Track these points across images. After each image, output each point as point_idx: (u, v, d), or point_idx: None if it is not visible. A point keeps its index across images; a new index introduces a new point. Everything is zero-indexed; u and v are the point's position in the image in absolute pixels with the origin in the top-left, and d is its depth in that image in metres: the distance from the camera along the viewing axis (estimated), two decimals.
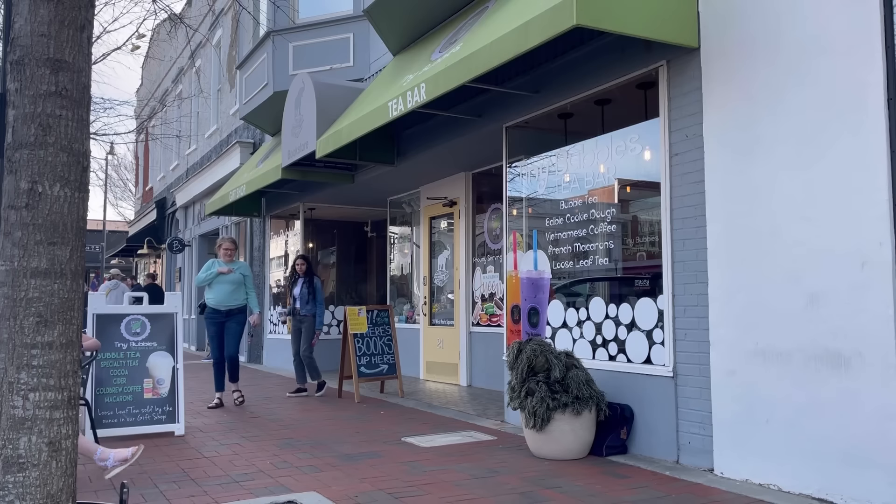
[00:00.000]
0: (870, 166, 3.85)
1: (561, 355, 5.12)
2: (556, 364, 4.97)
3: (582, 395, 4.98)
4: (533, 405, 4.91)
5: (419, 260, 10.68)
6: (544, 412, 4.90)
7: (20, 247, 2.75)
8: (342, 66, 10.31)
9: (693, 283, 4.86)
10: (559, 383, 4.99)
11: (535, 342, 5.09)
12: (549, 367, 4.98)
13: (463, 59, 5.62)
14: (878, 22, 3.85)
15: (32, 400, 2.71)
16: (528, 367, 5.03)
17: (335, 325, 12.41)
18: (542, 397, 4.88)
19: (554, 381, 4.97)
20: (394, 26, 8.06)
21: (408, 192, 10.98)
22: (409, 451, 5.50)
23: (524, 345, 5.14)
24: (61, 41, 2.83)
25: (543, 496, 4.22)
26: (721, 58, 4.74)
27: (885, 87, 3.83)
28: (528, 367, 5.04)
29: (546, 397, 4.89)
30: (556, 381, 4.97)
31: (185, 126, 20.46)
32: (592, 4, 4.54)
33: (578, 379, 5.02)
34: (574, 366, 5.16)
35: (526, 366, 5.03)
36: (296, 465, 5.07)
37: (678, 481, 4.48)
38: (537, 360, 4.91)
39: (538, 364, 4.99)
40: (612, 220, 5.71)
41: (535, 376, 5.04)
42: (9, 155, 2.80)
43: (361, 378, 8.38)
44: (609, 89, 5.67)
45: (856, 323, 3.88)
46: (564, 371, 5.01)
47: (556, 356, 5.09)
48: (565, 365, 5.08)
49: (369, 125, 7.10)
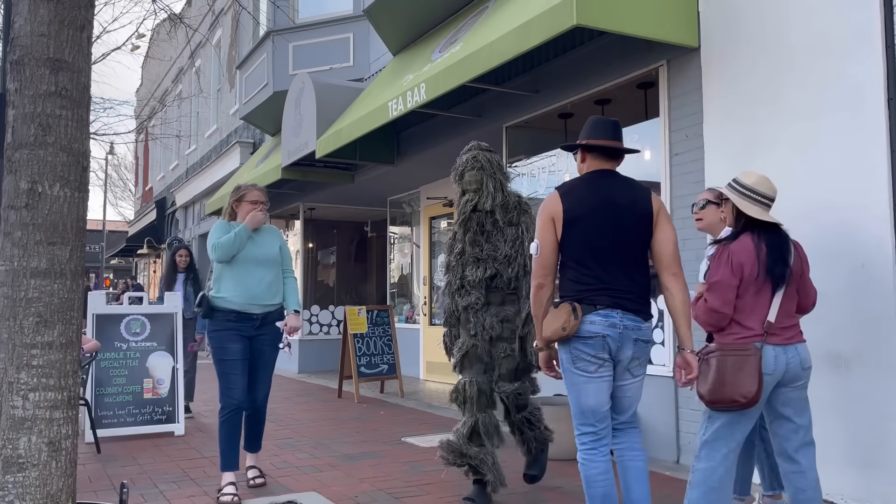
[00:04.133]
0: (870, 166, 3.85)
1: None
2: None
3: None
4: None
5: (419, 260, 10.68)
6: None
7: (20, 247, 2.75)
8: (342, 66, 10.31)
9: (693, 283, 4.86)
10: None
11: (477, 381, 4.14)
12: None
13: (463, 58, 5.62)
14: (879, 22, 3.85)
15: (32, 400, 2.71)
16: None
17: (335, 324, 12.40)
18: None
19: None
20: (394, 26, 8.06)
21: (408, 192, 10.97)
22: (409, 451, 5.49)
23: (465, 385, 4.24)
24: (61, 41, 2.83)
25: (544, 496, 4.22)
26: (721, 58, 4.74)
27: (885, 87, 3.82)
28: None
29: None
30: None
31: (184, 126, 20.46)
32: (592, 4, 4.54)
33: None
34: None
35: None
36: (296, 465, 5.07)
37: (678, 481, 4.48)
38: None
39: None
40: None
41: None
42: (9, 155, 2.80)
43: (361, 378, 8.38)
44: (609, 89, 5.67)
45: (856, 323, 3.88)
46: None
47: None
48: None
49: (369, 125, 7.10)
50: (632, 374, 3.03)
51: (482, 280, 4.04)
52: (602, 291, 2.98)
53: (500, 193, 4.06)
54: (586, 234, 3.01)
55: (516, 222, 4.09)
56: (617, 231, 3.01)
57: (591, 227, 3.01)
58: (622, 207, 3.03)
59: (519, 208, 4.12)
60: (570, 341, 2.98)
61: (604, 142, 3.11)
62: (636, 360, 3.01)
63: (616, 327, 2.94)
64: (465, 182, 4.10)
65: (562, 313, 2.96)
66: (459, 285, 4.16)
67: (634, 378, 3.04)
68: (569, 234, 3.03)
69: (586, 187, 3.08)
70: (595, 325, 2.94)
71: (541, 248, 3.07)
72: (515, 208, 4.11)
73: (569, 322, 2.94)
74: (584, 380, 2.97)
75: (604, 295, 2.98)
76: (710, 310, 2.99)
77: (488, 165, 4.09)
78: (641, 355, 3.03)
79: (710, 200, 3.71)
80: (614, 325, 2.95)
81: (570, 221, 3.03)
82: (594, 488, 2.96)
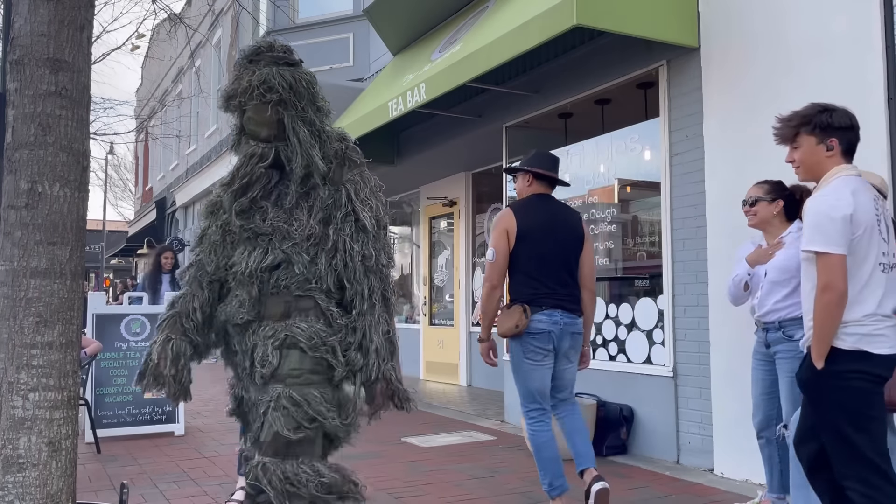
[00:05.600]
0: (870, 166, 3.85)
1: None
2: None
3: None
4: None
5: (419, 260, 10.68)
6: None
7: (20, 247, 2.75)
8: (342, 66, 10.31)
9: (693, 283, 4.86)
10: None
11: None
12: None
13: (463, 58, 5.62)
14: (879, 22, 3.85)
15: (32, 400, 2.71)
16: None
17: None
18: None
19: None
20: (394, 26, 8.05)
21: (408, 192, 10.97)
22: (409, 451, 5.49)
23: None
24: (61, 41, 2.83)
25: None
26: (721, 58, 4.74)
27: (885, 87, 3.82)
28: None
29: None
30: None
31: (184, 126, 20.45)
32: (592, 4, 4.54)
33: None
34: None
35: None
36: None
37: (678, 481, 4.48)
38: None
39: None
40: (612, 220, 5.71)
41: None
42: (9, 155, 2.80)
43: None
44: (609, 89, 5.67)
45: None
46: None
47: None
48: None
49: (369, 125, 7.10)
50: (569, 360, 3.74)
51: (255, 273, 2.47)
52: (547, 295, 3.64)
53: (315, 142, 2.53)
54: (535, 247, 3.67)
55: (337, 181, 2.54)
56: (557, 246, 3.71)
57: (538, 242, 3.68)
58: (562, 228, 3.74)
59: (342, 160, 2.58)
60: (523, 336, 3.61)
61: (551, 174, 3.85)
62: (572, 350, 3.73)
63: (558, 324, 3.63)
64: (247, 120, 2.52)
65: (515, 313, 3.60)
66: (201, 271, 2.61)
67: (570, 363, 3.76)
68: (520, 246, 3.68)
69: (535, 208, 3.76)
70: (542, 322, 3.61)
71: (497, 255, 3.67)
72: (336, 159, 2.57)
73: (521, 321, 3.57)
74: (533, 367, 3.64)
75: (548, 298, 3.64)
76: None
77: (289, 94, 2.49)
78: (576, 345, 3.74)
79: (759, 197, 3.68)
80: (556, 322, 3.63)
81: (522, 236, 3.67)
82: (544, 452, 3.60)
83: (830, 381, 2.55)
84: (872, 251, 2.55)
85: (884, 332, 2.53)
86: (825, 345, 2.54)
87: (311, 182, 2.53)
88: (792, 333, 3.42)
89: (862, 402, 2.52)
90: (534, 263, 3.67)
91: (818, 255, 2.55)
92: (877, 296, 2.55)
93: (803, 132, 2.72)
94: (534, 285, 3.65)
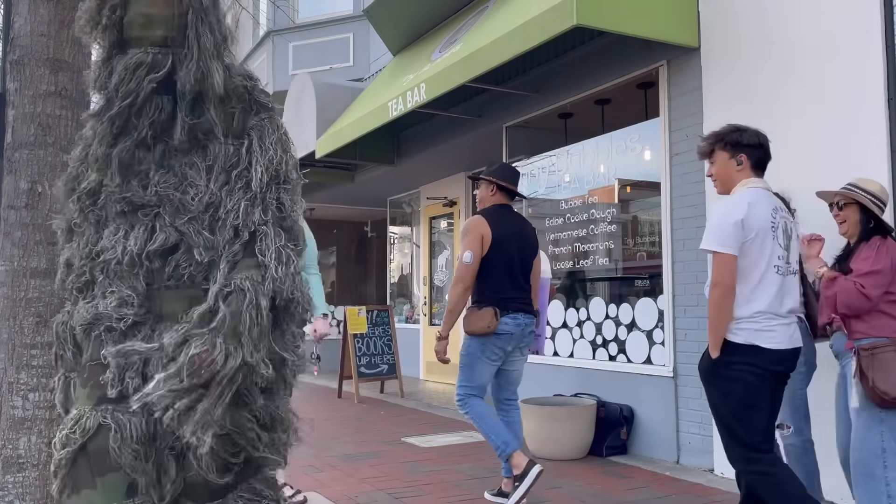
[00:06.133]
0: (870, 166, 3.85)
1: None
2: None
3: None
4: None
5: (419, 260, 10.68)
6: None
7: (20, 247, 2.75)
8: (342, 66, 10.31)
9: (693, 283, 4.86)
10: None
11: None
12: None
13: (463, 58, 5.62)
14: (879, 22, 3.85)
15: (32, 400, 2.71)
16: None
17: (335, 325, 12.40)
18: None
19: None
20: (394, 26, 8.05)
21: (408, 192, 10.97)
22: (409, 451, 5.49)
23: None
24: (61, 41, 2.83)
25: (544, 496, 4.22)
26: (721, 58, 4.73)
27: (885, 87, 3.82)
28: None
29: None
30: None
31: None
32: (592, 4, 4.54)
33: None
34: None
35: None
36: (296, 464, 5.06)
37: (678, 481, 4.48)
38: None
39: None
40: (612, 220, 5.71)
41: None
42: (8, 155, 2.80)
43: (361, 378, 8.38)
44: (609, 89, 5.67)
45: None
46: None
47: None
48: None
49: (369, 125, 7.09)
50: (521, 353, 4.14)
51: (139, 259, 1.80)
52: (512, 300, 4.01)
53: (218, 64, 1.87)
54: (504, 254, 4.01)
55: (239, 130, 1.91)
56: (521, 254, 4.09)
57: (507, 250, 4.02)
58: (525, 238, 4.15)
59: (248, 103, 1.95)
60: (489, 336, 3.94)
61: (514, 187, 4.23)
62: (525, 345, 4.12)
63: (520, 326, 4.01)
64: (132, 20, 1.81)
65: (487, 315, 3.92)
66: (72, 275, 1.90)
67: (522, 356, 4.16)
68: (491, 252, 3.99)
69: (504, 218, 4.12)
70: (508, 325, 3.96)
71: (474, 258, 3.96)
72: (241, 102, 1.94)
73: (492, 322, 3.91)
74: (488, 364, 4.02)
75: (513, 302, 4.00)
76: (864, 295, 3.00)
77: None
78: (530, 341, 4.14)
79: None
80: (519, 324, 4.01)
81: (494, 243, 4.00)
82: (488, 417, 3.99)
83: (721, 371, 2.82)
84: (765, 254, 2.81)
85: (774, 329, 2.79)
86: (718, 336, 2.81)
87: (203, 121, 1.87)
88: None
89: (746, 392, 2.78)
90: (502, 269, 4.01)
91: (713, 255, 2.83)
92: (769, 295, 2.80)
93: (717, 149, 3.04)
94: (502, 290, 4.00)
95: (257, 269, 1.80)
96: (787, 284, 2.87)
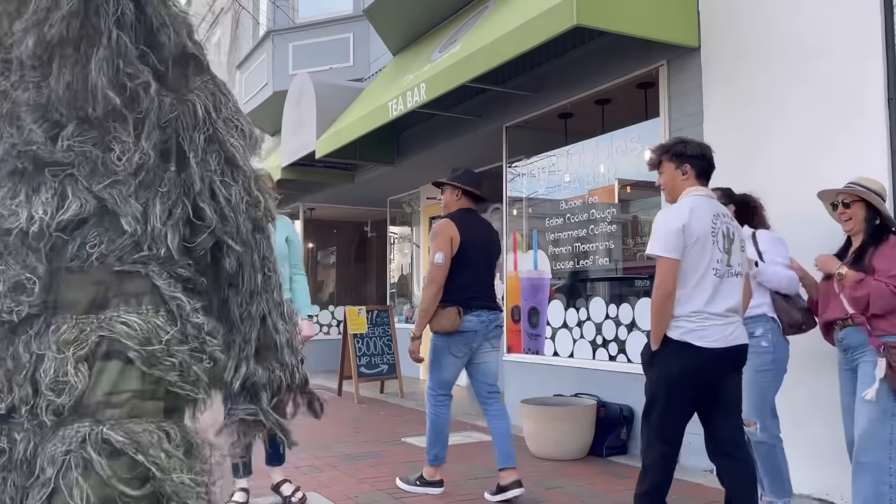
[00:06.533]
0: (870, 166, 3.85)
1: None
2: None
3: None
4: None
5: (419, 260, 10.67)
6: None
7: None
8: (342, 66, 10.31)
9: None
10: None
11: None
12: None
13: (463, 59, 5.62)
14: (879, 22, 3.85)
15: None
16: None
17: (335, 325, 12.40)
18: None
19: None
20: (394, 26, 8.05)
21: (408, 192, 10.97)
22: (409, 451, 5.49)
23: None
24: None
25: (543, 496, 4.22)
26: (721, 58, 4.73)
27: (885, 87, 3.82)
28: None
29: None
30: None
31: None
32: (592, 4, 4.54)
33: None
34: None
35: None
36: (296, 465, 5.06)
37: (678, 481, 4.46)
38: None
39: None
40: (612, 220, 5.71)
41: None
42: None
43: (361, 378, 8.38)
44: (609, 89, 5.67)
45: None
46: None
47: None
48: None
49: (369, 125, 7.10)
50: (491, 345, 4.30)
51: (46, 231, 1.38)
52: (477, 298, 4.22)
53: None
54: (471, 256, 4.22)
55: (178, 88, 1.54)
56: (486, 256, 4.33)
57: (473, 252, 4.24)
58: (490, 240, 4.41)
59: (183, 56, 1.61)
60: (454, 334, 4.15)
61: (478, 192, 4.45)
62: (495, 337, 4.31)
63: (484, 322, 4.22)
64: None
65: (451, 314, 4.13)
66: None
67: (493, 348, 4.32)
68: (459, 255, 4.20)
69: (469, 222, 4.32)
70: (471, 322, 4.18)
71: (445, 259, 4.18)
72: (174, 51, 1.57)
73: (456, 321, 4.12)
74: (454, 360, 4.23)
75: (478, 300, 4.22)
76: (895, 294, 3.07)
77: None
78: (498, 334, 4.35)
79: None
80: (483, 321, 4.22)
81: (462, 245, 4.21)
82: (443, 430, 4.34)
83: (655, 362, 3.04)
84: (705, 258, 2.97)
85: (708, 328, 2.95)
86: (658, 333, 3.00)
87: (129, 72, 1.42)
88: (752, 330, 3.49)
89: (668, 385, 2.99)
90: (469, 270, 4.23)
91: (657, 259, 3.00)
92: (705, 296, 2.96)
93: (664, 160, 3.19)
94: (467, 289, 4.21)
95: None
96: (726, 286, 3.02)
